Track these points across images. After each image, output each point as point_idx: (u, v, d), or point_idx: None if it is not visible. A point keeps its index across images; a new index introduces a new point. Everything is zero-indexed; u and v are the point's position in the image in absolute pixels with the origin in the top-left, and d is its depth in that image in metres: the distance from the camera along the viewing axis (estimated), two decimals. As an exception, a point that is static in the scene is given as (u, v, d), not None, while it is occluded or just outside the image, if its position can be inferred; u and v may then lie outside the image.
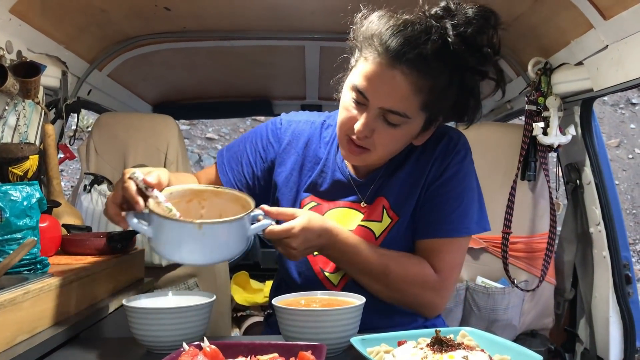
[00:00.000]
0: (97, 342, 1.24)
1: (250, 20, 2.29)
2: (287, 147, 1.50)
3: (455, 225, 1.38)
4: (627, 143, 8.37)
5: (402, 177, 1.42)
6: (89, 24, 2.14)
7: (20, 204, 1.25)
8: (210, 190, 1.26)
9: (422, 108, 1.28)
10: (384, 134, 1.30)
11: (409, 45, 1.21)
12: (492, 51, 1.27)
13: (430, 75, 1.24)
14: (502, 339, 1.03)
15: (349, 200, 1.45)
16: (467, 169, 1.42)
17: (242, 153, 1.52)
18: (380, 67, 1.24)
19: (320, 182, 1.47)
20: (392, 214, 1.41)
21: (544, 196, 2.33)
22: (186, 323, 1.09)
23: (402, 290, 1.36)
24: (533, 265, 2.29)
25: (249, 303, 2.80)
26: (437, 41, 1.21)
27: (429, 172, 1.40)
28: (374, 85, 1.26)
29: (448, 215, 1.38)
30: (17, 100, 1.85)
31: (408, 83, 1.23)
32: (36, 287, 1.10)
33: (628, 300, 2.16)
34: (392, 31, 1.23)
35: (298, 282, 1.45)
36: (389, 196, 1.42)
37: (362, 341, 1.03)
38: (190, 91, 3.27)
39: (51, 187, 1.92)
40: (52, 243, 1.51)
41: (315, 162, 1.48)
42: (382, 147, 1.32)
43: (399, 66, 1.23)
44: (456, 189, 1.40)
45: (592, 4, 1.72)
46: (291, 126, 1.53)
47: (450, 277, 1.40)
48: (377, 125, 1.29)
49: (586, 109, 2.23)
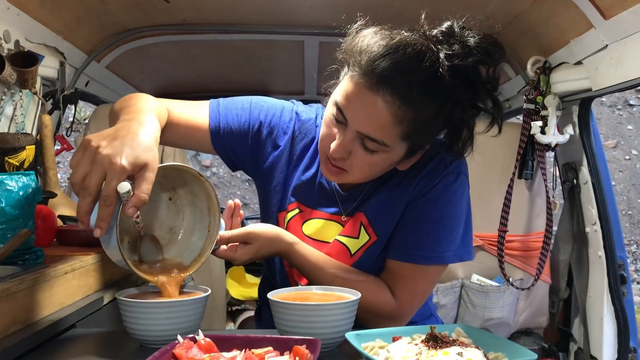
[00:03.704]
0: (90, 334, 1.23)
1: (249, 14, 2.28)
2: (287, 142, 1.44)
3: (425, 253, 1.31)
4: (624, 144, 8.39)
5: (384, 194, 1.35)
6: (88, 15, 2.13)
7: (16, 194, 1.24)
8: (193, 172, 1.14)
9: (403, 138, 1.20)
10: (361, 159, 1.23)
11: (396, 71, 1.12)
12: (491, 87, 1.19)
13: (414, 106, 1.15)
14: (497, 336, 1.03)
15: (330, 212, 1.41)
16: (454, 194, 1.32)
17: (244, 113, 1.42)
18: (362, 90, 1.16)
19: (308, 188, 1.42)
20: (370, 231, 1.35)
21: (540, 195, 2.34)
22: (180, 317, 1.09)
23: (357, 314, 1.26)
24: (528, 264, 2.30)
25: (244, 297, 2.81)
26: (427, 70, 1.11)
27: (413, 190, 1.33)
28: (353, 107, 1.19)
29: (420, 240, 1.31)
30: (15, 90, 1.84)
31: (388, 112, 1.15)
32: (31, 278, 1.10)
33: (622, 300, 2.17)
34: (382, 51, 1.14)
35: (278, 283, 1.45)
36: (368, 213, 1.36)
37: (357, 336, 1.02)
38: (188, 84, 3.26)
39: (47, 178, 1.92)
40: (47, 234, 1.50)
41: (309, 166, 1.44)
42: (358, 171, 1.26)
43: (382, 91, 1.14)
44: (435, 214, 1.31)
45: (593, 4, 1.71)
46: (300, 122, 1.46)
47: (408, 306, 1.34)
48: (354, 148, 1.22)
49: (584, 109, 2.23)
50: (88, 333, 1.24)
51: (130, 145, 0.98)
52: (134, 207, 0.97)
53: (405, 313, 1.35)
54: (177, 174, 1.17)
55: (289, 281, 1.44)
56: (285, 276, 1.44)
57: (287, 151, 1.43)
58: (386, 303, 1.31)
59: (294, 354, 0.92)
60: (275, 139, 1.43)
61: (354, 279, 1.32)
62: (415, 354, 0.93)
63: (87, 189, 0.95)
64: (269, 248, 1.30)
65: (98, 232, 0.96)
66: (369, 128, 1.18)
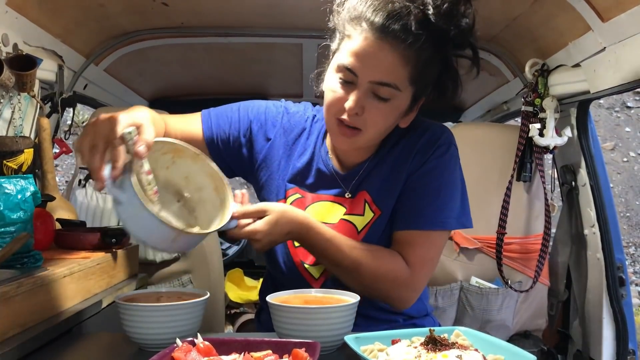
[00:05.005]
0: (89, 338, 1.23)
1: (248, 17, 2.28)
2: (278, 134, 1.49)
3: (430, 219, 1.38)
4: (622, 146, 8.40)
5: (384, 170, 1.42)
6: (86, 18, 2.13)
7: (15, 197, 1.24)
8: (191, 152, 1.22)
9: (410, 81, 1.29)
10: (375, 111, 1.29)
11: (392, 19, 1.22)
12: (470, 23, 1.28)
13: (416, 47, 1.24)
14: (496, 339, 1.03)
15: (332, 194, 1.45)
16: (448, 163, 1.41)
17: (233, 115, 1.50)
18: (367, 42, 1.25)
19: (305, 173, 1.47)
20: (374, 207, 1.42)
21: (539, 197, 2.34)
22: (179, 320, 1.09)
23: (373, 284, 1.36)
24: (527, 266, 2.29)
25: (243, 300, 2.80)
26: (418, 14, 1.22)
27: (410, 164, 1.40)
28: (362, 60, 1.26)
29: (424, 208, 1.38)
30: (13, 93, 1.84)
31: (396, 54, 1.25)
32: (29, 281, 1.10)
33: (621, 302, 2.17)
34: (373, 8, 1.24)
35: (283, 272, 1.46)
36: (371, 190, 1.42)
37: (356, 339, 1.02)
38: (186, 87, 3.26)
39: (46, 181, 1.91)
40: (46, 237, 1.50)
41: (302, 153, 1.48)
42: (372, 126, 1.32)
43: (386, 39, 1.24)
44: (434, 183, 1.39)
45: (591, 6, 1.72)
46: (289, 115, 1.52)
47: (421, 272, 1.39)
48: (368, 103, 1.29)
49: (582, 111, 2.23)
50: (87, 336, 1.24)
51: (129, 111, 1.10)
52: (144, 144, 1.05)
53: (418, 281, 1.40)
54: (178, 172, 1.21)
55: (294, 261, 1.44)
56: (289, 256, 1.45)
57: (278, 141, 1.49)
58: (401, 270, 1.36)
59: (293, 357, 0.92)
60: (266, 132, 1.50)
61: (369, 249, 1.36)
62: (415, 356, 0.93)
63: (95, 147, 1.03)
64: (283, 220, 1.29)
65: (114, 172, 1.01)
66: (381, 73, 1.26)
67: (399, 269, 1.36)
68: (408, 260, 1.37)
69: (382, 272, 1.34)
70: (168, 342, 1.00)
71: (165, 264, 2.23)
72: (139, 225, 1.07)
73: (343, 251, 1.33)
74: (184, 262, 2.25)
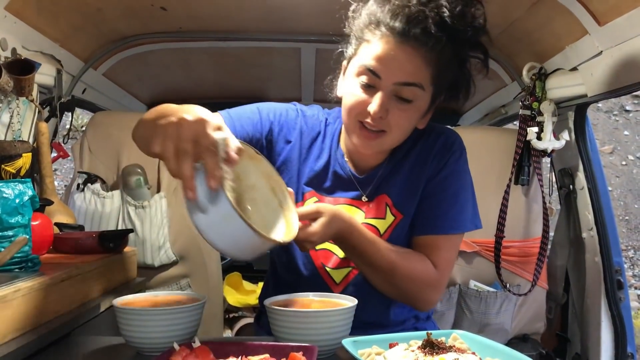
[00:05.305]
0: (87, 342, 1.23)
1: (246, 22, 2.29)
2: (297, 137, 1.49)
3: (452, 223, 1.42)
4: (620, 150, 8.41)
5: (402, 174, 1.45)
6: (85, 23, 2.14)
7: (13, 202, 1.25)
8: (251, 152, 1.17)
9: (431, 81, 1.31)
10: (399, 112, 1.31)
11: (411, 23, 1.25)
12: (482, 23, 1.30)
13: (436, 49, 1.27)
14: (493, 342, 1.03)
15: (349, 197, 1.46)
16: (463, 167, 1.46)
17: (254, 116, 1.47)
18: (390, 45, 1.27)
19: (322, 176, 1.48)
20: (395, 211, 1.44)
21: (537, 201, 2.34)
22: (177, 324, 1.09)
23: (405, 285, 1.38)
24: (525, 270, 2.29)
25: (242, 304, 2.79)
26: (435, 17, 1.24)
27: (428, 169, 1.44)
28: (386, 62, 1.28)
29: (446, 212, 1.42)
30: (11, 97, 1.84)
31: (419, 56, 1.27)
32: (27, 285, 1.10)
33: (619, 306, 2.17)
34: (392, 13, 1.27)
35: (301, 276, 1.45)
36: (392, 193, 1.45)
37: (354, 343, 1.03)
38: (185, 91, 3.27)
39: (44, 185, 1.92)
40: (44, 241, 1.50)
41: (319, 156, 1.49)
42: (397, 127, 1.33)
43: (407, 42, 1.26)
44: (453, 187, 1.43)
45: (587, 10, 1.73)
46: (305, 118, 1.52)
47: (446, 273, 1.44)
48: (391, 105, 1.30)
49: (580, 115, 2.24)
50: (85, 340, 1.24)
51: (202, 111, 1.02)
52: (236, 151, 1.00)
53: (445, 281, 1.45)
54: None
55: (315, 265, 1.45)
56: (309, 259, 1.45)
57: (297, 145, 1.49)
58: (431, 273, 1.40)
59: (291, 361, 0.92)
60: (286, 134, 1.49)
61: (403, 251, 1.40)
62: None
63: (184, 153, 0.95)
64: (335, 221, 1.30)
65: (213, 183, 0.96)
66: (406, 74, 1.28)
67: (429, 272, 1.40)
68: (435, 263, 1.41)
69: (415, 275, 1.37)
70: (166, 346, 1.00)
71: (164, 268, 2.22)
72: (226, 234, 1.01)
73: (382, 253, 1.35)
74: (183, 266, 2.25)
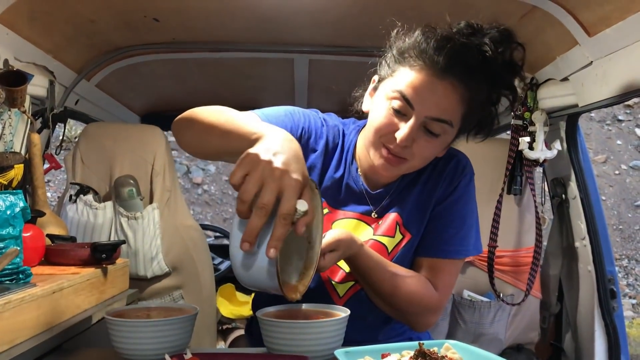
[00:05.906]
0: (79, 354, 1.22)
1: (239, 33, 2.29)
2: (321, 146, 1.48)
3: (456, 247, 1.44)
4: (613, 159, 8.44)
5: (413, 193, 1.46)
6: (77, 34, 2.14)
7: (4, 213, 1.24)
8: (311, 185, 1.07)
9: (462, 118, 1.32)
10: (424, 144, 1.32)
11: (455, 59, 1.25)
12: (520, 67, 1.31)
13: (473, 89, 1.28)
14: (485, 352, 1.02)
15: (359, 212, 1.46)
16: (471, 193, 1.48)
17: (287, 119, 1.44)
18: (430, 78, 1.27)
19: (336, 188, 1.48)
20: (403, 230, 1.44)
21: (529, 210, 2.35)
22: (168, 336, 1.08)
23: (405, 308, 1.39)
24: (519, 279, 2.30)
25: (235, 316, 2.79)
26: (477, 57, 1.25)
27: (438, 191, 1.45)
28: (421, 94, 1.28)
29: (452, 237, 1.43)
30: (3, 109, 1.83)
31: (456, 93, 1.28)
32: (18, 297, 1.09)
33: (613, 315, 2.17)
34: (436, 46, 1.26)
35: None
36: (402, 212, 1.45)
37: (346, 354, 1.02)
38: (178, 102, 3.26)
39: (36, 197, 1.91)
40: (36, 253, 1.49)
41: (337, 168, 1.49)
42: (419, 157, 1.35)
43: (447, 79, 1.26)
44: (460, 212, 1.45)
45: (577, 21, 1.74)
46: (327, 127, 1.51)
47: (446, 297, 1.45)
48: (418, 136, 1.31)
49: (571, 124, 2.25)
50: (77, 353, 1.23)
51: (295, 158, 0.98)
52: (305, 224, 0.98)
53: (444, 304, 1.46)
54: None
55: (321, 276, 1.45)
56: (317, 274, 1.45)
57: (322, 154, 1.48)
58: (432, 297, 1.41)
59: (283, 372, 0.92)
60: (314, 143, 1.49)
61: (406, 275, 1.40)
62: (404, 370, 0.93)
63: (263, 208, 0.93)
64: (348, 251, 1.32)
65: (273, 252, 0.93)
66: (439, 110, 1.28)
67: (430, 296, 1.41)
68: (436, 286, 1.42)
69: (416, 299, 1.38)
70: (157, 357, 1.00)
71: (157, 279, 2.21)
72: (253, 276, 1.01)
73: (384, 277, 1.36)
74: (176, 277, 2.24)
